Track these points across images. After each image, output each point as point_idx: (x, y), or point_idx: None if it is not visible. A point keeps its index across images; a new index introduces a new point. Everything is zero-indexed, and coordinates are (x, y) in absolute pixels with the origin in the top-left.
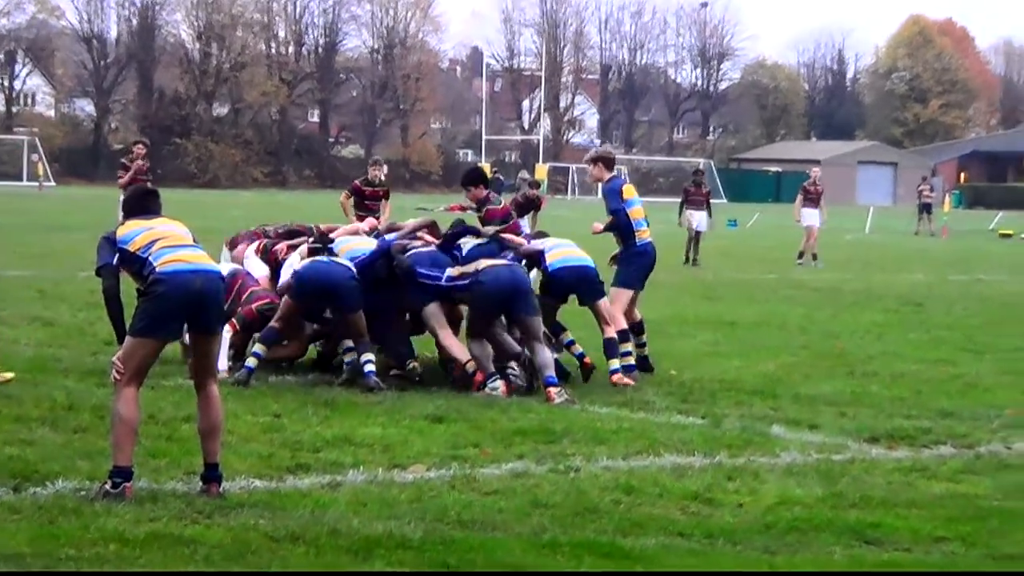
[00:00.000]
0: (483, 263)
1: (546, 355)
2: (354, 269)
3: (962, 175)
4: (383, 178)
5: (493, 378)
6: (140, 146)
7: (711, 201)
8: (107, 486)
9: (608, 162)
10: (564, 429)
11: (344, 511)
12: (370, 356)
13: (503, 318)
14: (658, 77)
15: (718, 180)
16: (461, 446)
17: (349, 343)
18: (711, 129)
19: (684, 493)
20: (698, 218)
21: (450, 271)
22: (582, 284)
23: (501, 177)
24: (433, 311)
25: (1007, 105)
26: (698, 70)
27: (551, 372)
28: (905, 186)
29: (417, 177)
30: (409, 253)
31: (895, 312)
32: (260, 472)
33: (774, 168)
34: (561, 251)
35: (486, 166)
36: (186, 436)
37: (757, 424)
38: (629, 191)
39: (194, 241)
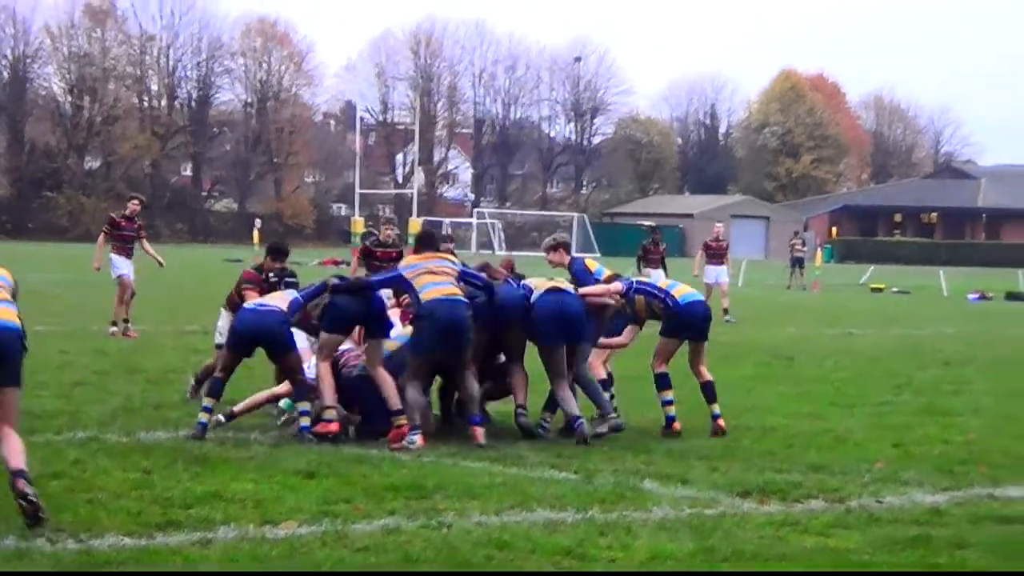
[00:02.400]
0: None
1: (473, 389)
2: (286, 314)
3: (833, 229)
4: (395, 238)
5: (415, 431)
6: (135, 202)
7: (665, 260)
8: None
9: (567, 246)
10: (436, 484)
11: (215, 568)
12: (306, 407)
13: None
14: (532, 131)
15: (591, 234)
16: (333, 502)
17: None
18: (584, 183)
19: (556, 548)
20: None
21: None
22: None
23: (375, 232)
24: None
25: (877, 160)
26: (571, 124)
27: (475, 410)
28: (777, 240)
29: (290, 231)
30: None
31: (766, 366)
32: (129, 529)
33: (647, 222)
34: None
35: (359, 221)
36: (54, 492)
37: (630, 479)
38: (592, 264)
39: (12, 296)
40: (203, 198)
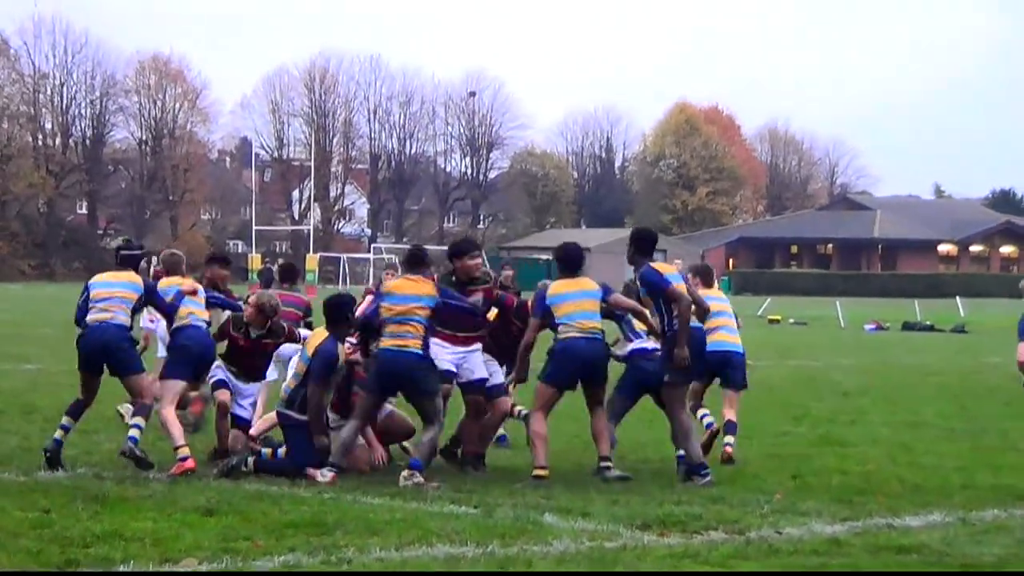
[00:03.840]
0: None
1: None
2: (129, 331)
3: (730, 261)
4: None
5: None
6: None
7: None
8: None
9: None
10: (337, 520)
11: None
12: (140, 422)
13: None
14: (428, 166)
15: (489, 269)
16: (232, 539)
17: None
18: (481, 218)
19: None
20: None
21: None
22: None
23: (272, 268)
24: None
25: (773, 192)
26: (467, 159)
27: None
28: None
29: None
30: None
31: None
32: (29, 568)
33: (544, 256)
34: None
35: (256, 258)
36: None
37: (530, 513)
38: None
39: None
40: (99, 236)
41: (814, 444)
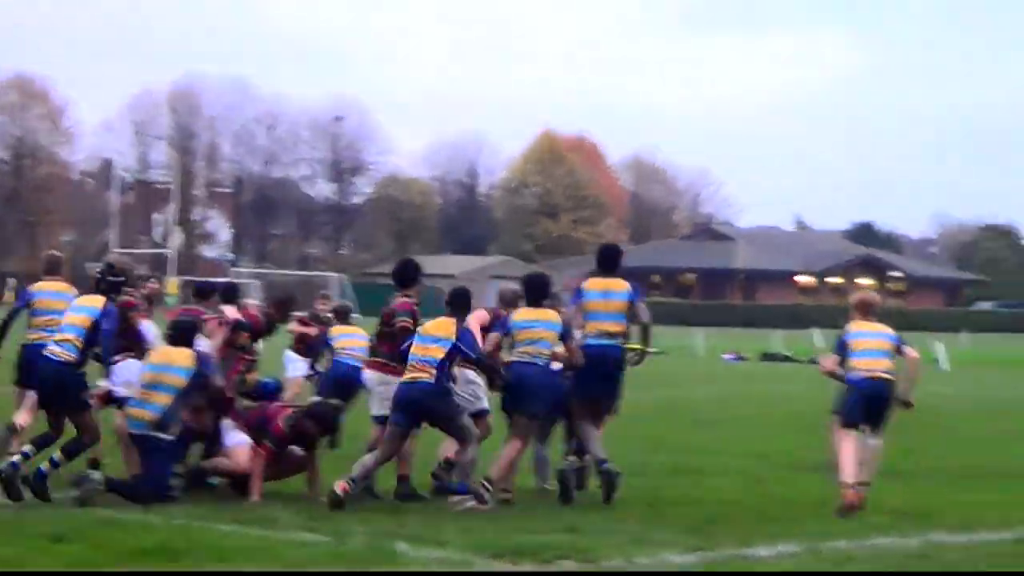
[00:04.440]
0: None
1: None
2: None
3: None
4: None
5: None
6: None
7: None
8: None
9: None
10: (187, 547)
11: None
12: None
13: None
14: (291, 190)
15: (352, 294)
16: (81, 566)
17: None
18: (344, 243)
19: None
20: None
21: None
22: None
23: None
24: None
25: (637, 221)
26: (332, 184)
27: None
28: None
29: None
30: None
31: None
32: None
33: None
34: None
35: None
36: None
37: (382, 541)
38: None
39: None
40: None
41: (669, 474)
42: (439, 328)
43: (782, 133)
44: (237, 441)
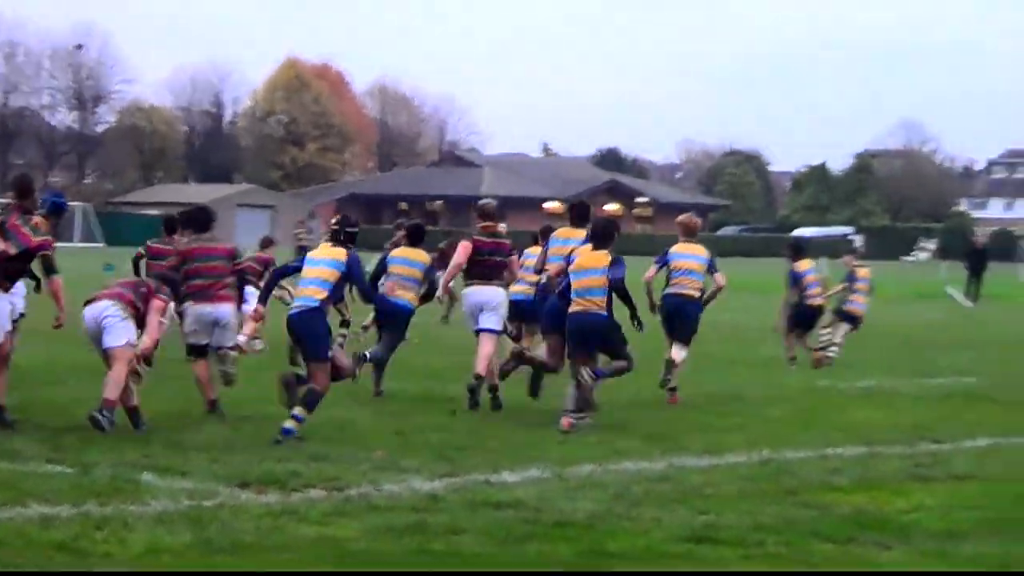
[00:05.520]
0: None
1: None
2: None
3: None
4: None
5: None
6: None
7: None
8: None
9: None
10: None
11: None
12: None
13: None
14: (32, 119)
15: (96, 224)
16: None
17: None
18: (87, 172)
19: (51, 543)
20: None
21: None
22: None
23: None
24: None
25: (383, 148)
26: (74, 113)
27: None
28: (283, 229)
29: None
30: None
31: (273, 355)
32: None
33: (153, 211)
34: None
35: None
36: None
37: (128, 472)
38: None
39: None
40: None
41: (418, 401)
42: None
43: (527, 59)
44: None
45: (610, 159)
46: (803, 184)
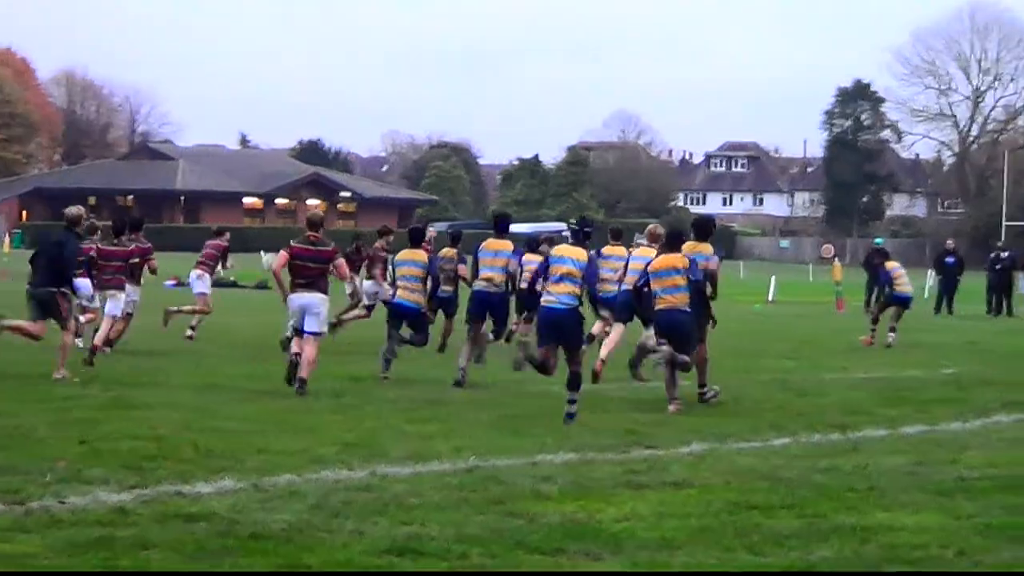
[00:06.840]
0: None
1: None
2: None
3: (23, 214)
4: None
5: None
6: None
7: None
8: None
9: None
10: None
11: None
12: None
13: None
14: None
15: None
16: None
17: None
18: None
19: None
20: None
21: None
22: None
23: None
24: None
25: (71, 139)
26: None
27: None
28: None
29: None
30: None
31: None
32: None
33: None
34: None
35: None
36: None
37: None
38: None
39: None
40: None
41: (104, 407)
42: None
43: (224, 48)
44: None
45: (311, 151)
46: (514, 178)
